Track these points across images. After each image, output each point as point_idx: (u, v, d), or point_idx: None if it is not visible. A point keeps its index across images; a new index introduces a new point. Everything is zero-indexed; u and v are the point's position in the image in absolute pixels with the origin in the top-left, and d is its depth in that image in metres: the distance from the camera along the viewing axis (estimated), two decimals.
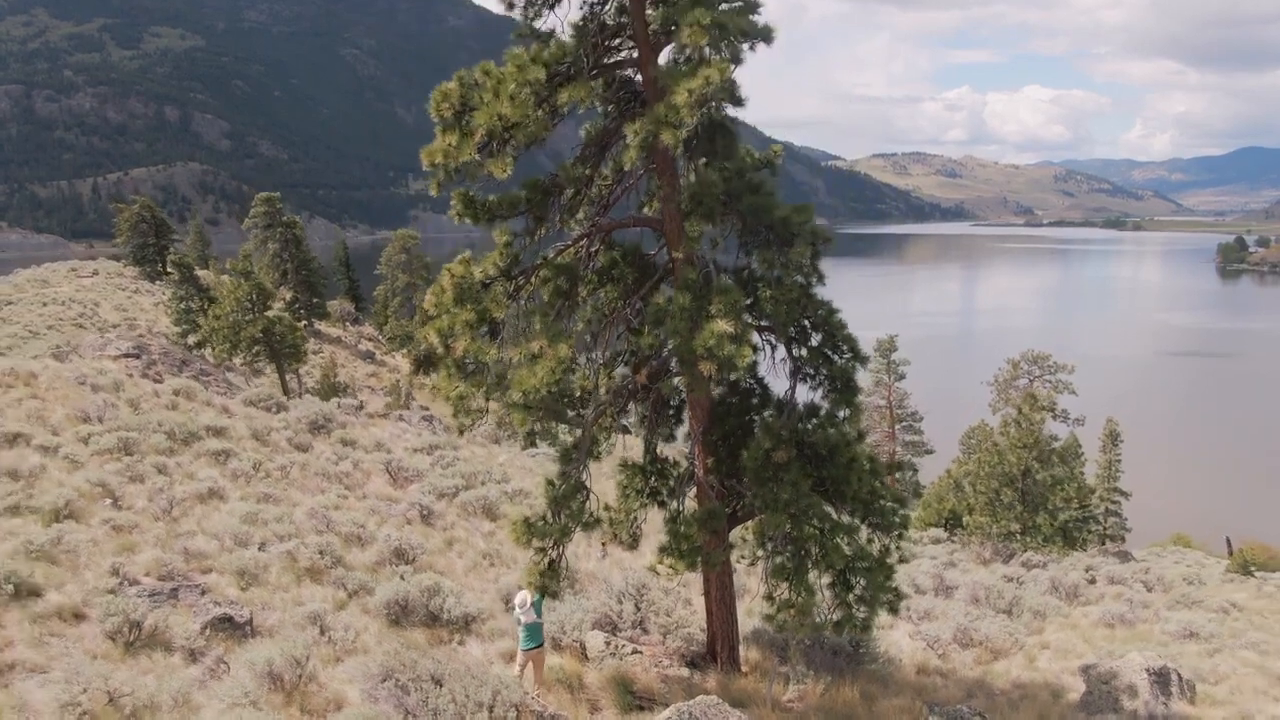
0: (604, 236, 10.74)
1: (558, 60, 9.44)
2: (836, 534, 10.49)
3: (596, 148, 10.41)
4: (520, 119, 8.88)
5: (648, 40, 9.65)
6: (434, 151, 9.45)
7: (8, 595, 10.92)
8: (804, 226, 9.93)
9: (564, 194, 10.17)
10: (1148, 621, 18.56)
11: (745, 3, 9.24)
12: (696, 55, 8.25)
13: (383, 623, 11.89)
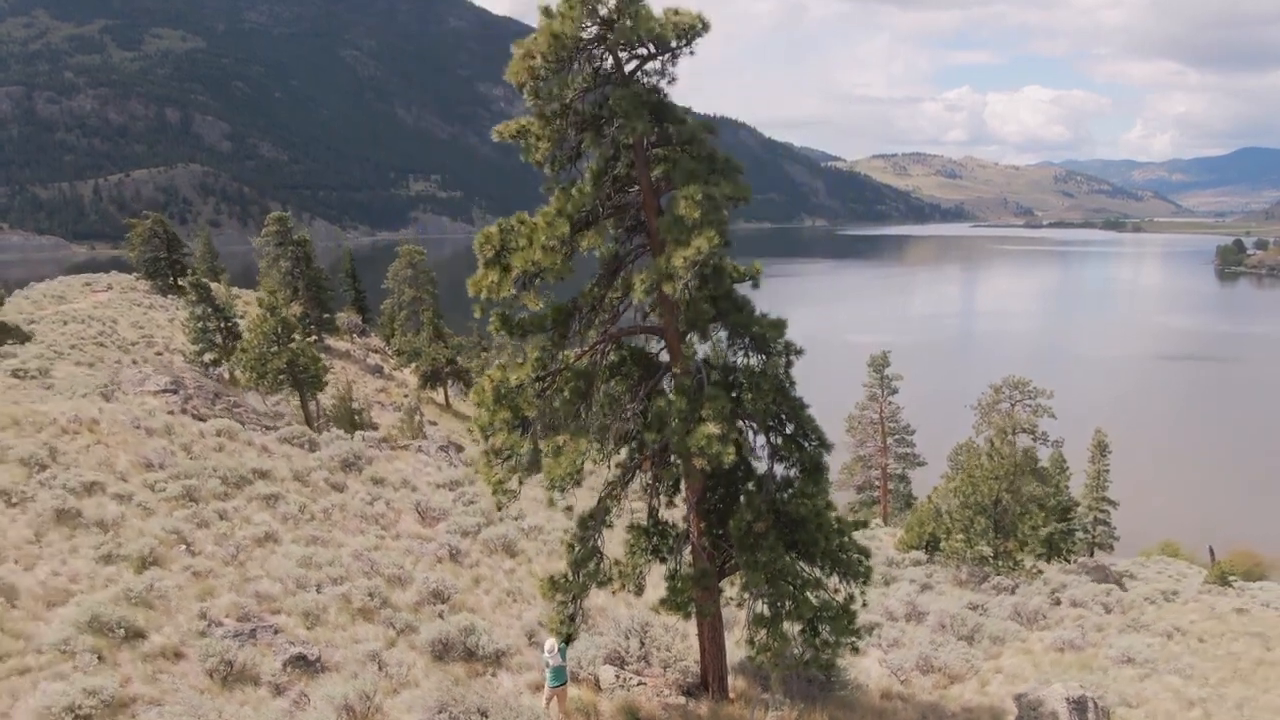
0: (615, 341, 12.99)
1: (578, 209, 11.69)
2: (806, 589, 12.76)
3: (609, 270, 12.66)
4: (549, 264, 11.14)
5: (651, 188, 11.90)
6: (478, 284, 11.71)
7: (120, 637, 13.18)
8: (778, 340, 12.17)
9: (582, 313, 12.41)
10: (1095, 645, 20.80)
11: (732, 167, 11.51)
12: (691, 221, 10.47)
13: (428, 658, 14.15)
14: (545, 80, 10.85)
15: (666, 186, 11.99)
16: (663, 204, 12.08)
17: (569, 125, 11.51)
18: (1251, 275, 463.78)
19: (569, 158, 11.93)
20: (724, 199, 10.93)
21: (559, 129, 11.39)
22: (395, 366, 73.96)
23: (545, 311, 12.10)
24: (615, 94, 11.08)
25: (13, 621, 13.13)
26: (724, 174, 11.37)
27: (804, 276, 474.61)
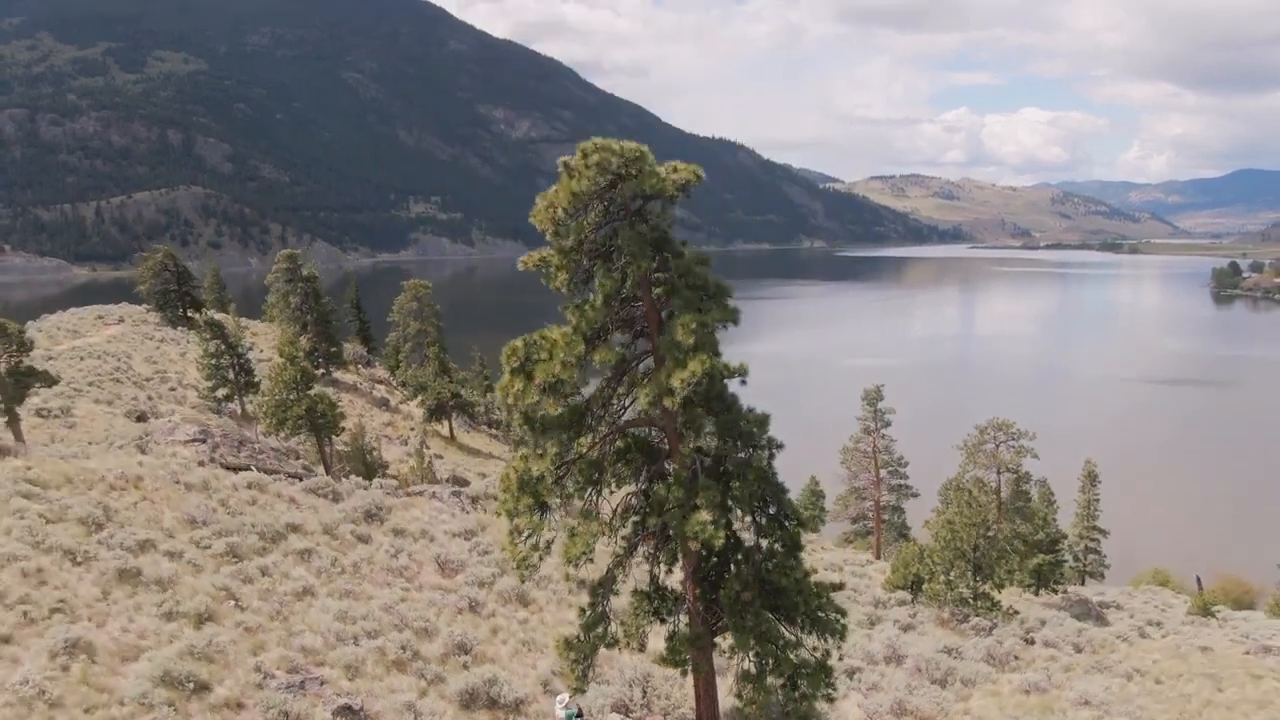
0: (621, 432, 15.00)
1: (591, 326, 13.74)
2: (787, 649, 14.73)
3: (617, 372, 14.68)
4: (568, 377, 13.19)
5: (654, 307, 13.96)
6: (505, 389, 13.76)
7: (189, 690, 15.12)
8: (763, 435, 14.20)
9: (594, 410, 14.43)
10: (1059, 688, 22.67)
11: (721, 291, 13.59)
12: (687, 346, 12.52)
13: (456, 707, 16.07)
14: (564, 224, 12.94)
15: (666, 302, 14.06)
16: (662, 316, 14.15)
17: (583, 255, 13.58)
18: (1247, 298, 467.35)
19: (583, 280, 13.98)
20: (715, 323, 12.99)
21: (575, 259, 13.46)
22: (401, 400, 75.90)
23: (563, 413, 14.12)
24: (623, 234, 13.17)
25: (95, 676, 15.05)
26: (715, 299, 13.45)
27: (802, 299, 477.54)
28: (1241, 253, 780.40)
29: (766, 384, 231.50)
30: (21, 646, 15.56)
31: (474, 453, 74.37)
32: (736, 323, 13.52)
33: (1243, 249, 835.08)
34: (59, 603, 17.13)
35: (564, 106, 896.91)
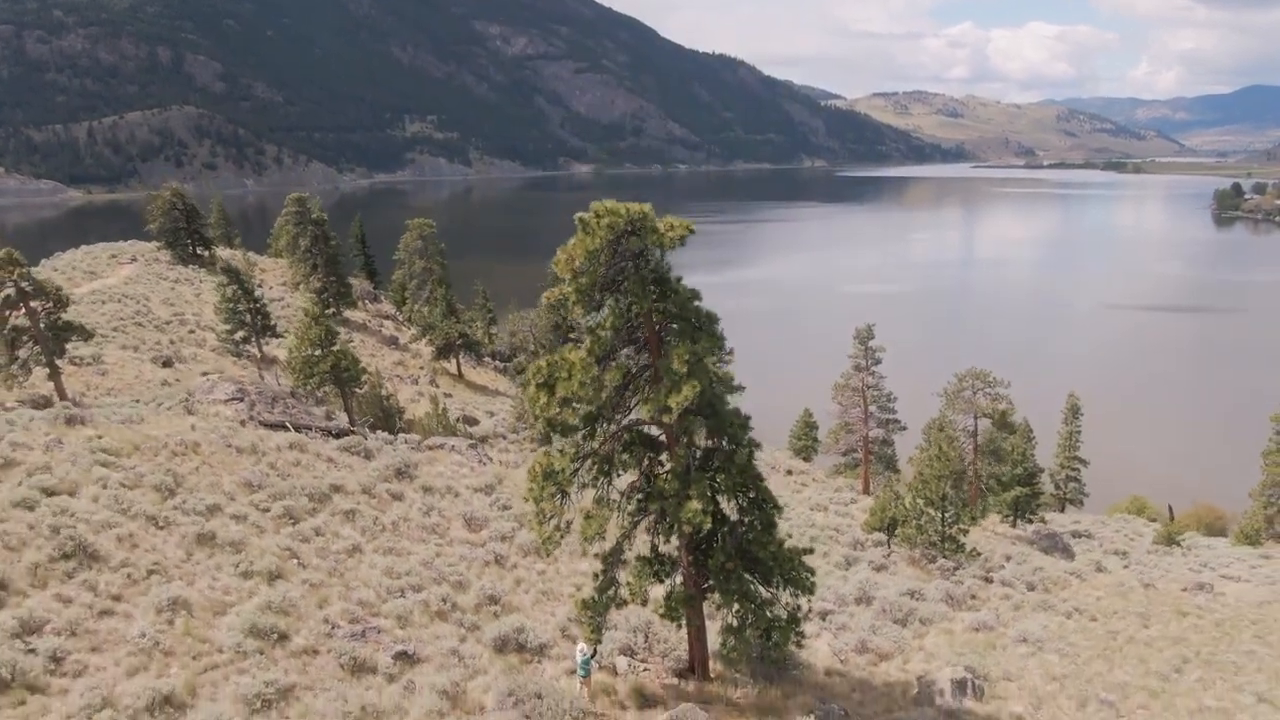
0: (627, 430, 17.95)
1: (603, 349, 16.56)
2: (764, 607, 17.98)
3: (623, 383, 17.54)
4: (584, 394, 16.07)
5: (655, 334, 16.76)
6: (532, 400, 16.66)
7: (273, 640, 18.42)
8: (744, 436, 17.16)
9: (604, 415, 17.34)
10: (1005, 625, 26.18)
11: (710, 321, 16.38)
12: (681, 373, 15.36)
13: (491, 651, 19.43)
14: (581, 271, 15.64)
15: (664, 326, 16.86)
16: (661, 336, 16.95)
17: (596, 290, 16.32)
18: (1248, 220, 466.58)
19: (595, 309, 16.73)
20: (704, 351, 15.84)
21: (589, 295, 16.20)
22: (410, 339, 78.78)
23: (579, 419, 17.05)
24: (629, 278, 15.91)
25: (196, 629, 18.35)
26: (705, 330, 16.27)
27: (802, 221, 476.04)
28: (1246, 172, 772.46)
29: (766, 311, 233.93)
30: (131, 604, 18.82)
31: (481, 389, 77.61)
32: (724, 349, 16.37)
33: (1248, 168, 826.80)
34: (154, 565, 20.38)
35: (561, 22, 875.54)
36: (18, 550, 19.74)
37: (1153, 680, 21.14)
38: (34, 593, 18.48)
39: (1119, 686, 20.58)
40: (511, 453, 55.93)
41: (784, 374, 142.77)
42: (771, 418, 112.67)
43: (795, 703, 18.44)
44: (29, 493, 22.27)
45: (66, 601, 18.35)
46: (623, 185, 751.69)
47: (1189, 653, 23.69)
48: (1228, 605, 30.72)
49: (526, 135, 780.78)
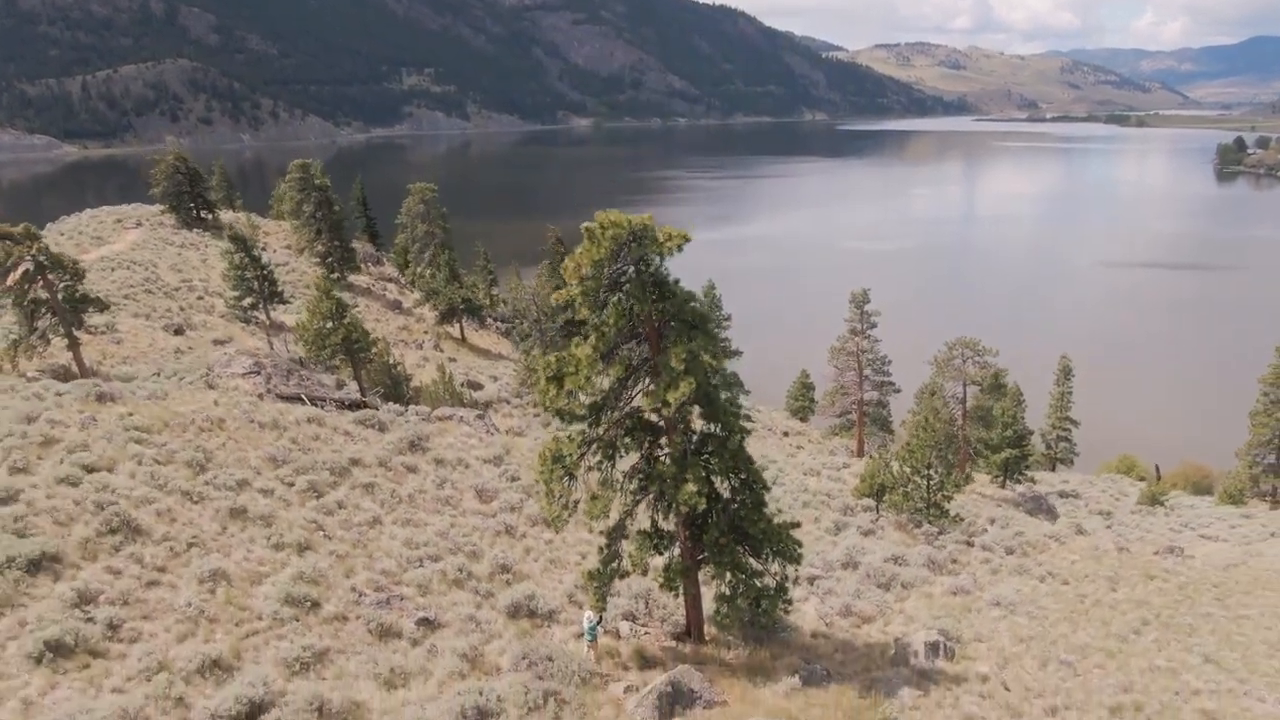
0: (629, 416, 19.51)
1: (607, 345, 18.05)
2: (754, 578, 19.71)
3: (625, 375, 19.05)
4: (589, 388, 17.61)
5: (654, 331, 18.24)
6: (542, 392, 18.20)
7: (307, 607, 20.17)
8: (736, 423, 18.72)
9: (608, 404, 18.88)
10: (981, 589, 28.02)
11: (706, 321, 17.83)
12: (678, 371, 16.87)
13: (505, 617, 21.22)
14: (588, 277, 17.08)
15: (664, 324, 18.34)
16: (660, 333, 18.43)
17: (601, 291, 17.77)
18: (1250, 175, 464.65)
19: (600, 307, 18.19)
20: (700, 349, 17.35)
21: (594, 296, 17.65)
22: (414, 304, 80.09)
23: (586, 408, 18.60)
24: (630, 282, 17.35)
25: (236, 598, 20.09)
26: (701, 329, 17.75)
27: (802, 177, 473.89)
28: (1250, 125, 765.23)
29: (765, 269, 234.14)
30: (175, 575, 20.55)
31: (484, 353, 79.17)
32: (718, 347, 17.86)
33: (1252, 121, 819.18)
34: (193, 538, 22.10)
35: None
36: (67, 525, 21.42)
37: (1112, 641, 22.97)
38: (86, 565, 20.19)
39: (1080, 648, 22.42)
40: (515, 418, 57.70)
41: (783, 333, 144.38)
42: (770, 378, 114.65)
43: (782, 663, 20.25)
44: (71, 470, 23.91)
45: (116, 573, 20.07)
46: (622, 139, 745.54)
47: (1150, 615, 25.54)
48: (1194, 568, 32.60)
49: (524, 88, 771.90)
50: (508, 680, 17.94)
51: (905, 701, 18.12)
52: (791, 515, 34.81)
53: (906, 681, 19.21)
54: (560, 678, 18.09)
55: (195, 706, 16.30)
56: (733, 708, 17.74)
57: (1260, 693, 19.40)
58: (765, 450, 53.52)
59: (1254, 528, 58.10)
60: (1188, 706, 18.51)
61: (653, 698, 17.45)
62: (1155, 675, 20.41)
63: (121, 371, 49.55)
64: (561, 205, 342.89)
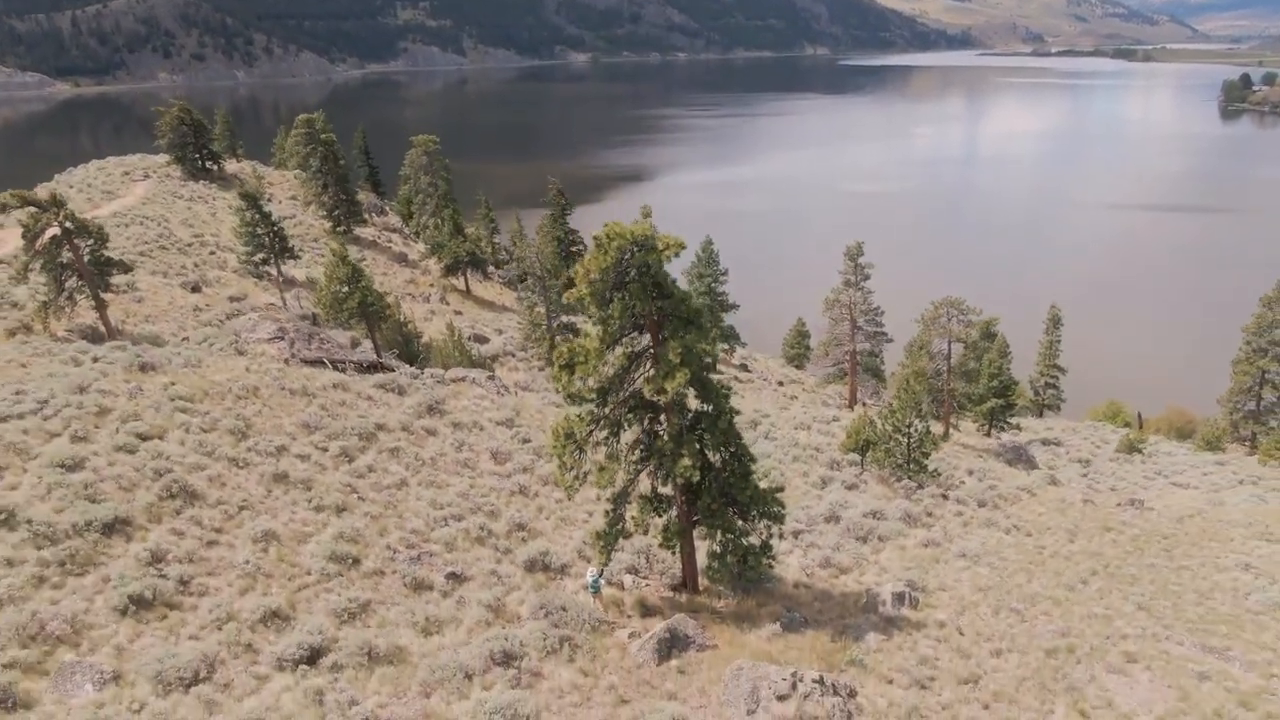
0: (632, 396, 22.01)
1: (613, 336, 20.46)
2: (741, 537, 22.45)
3: (628, 360, 21.48)
4: (596, 374, 20.08)
5: (654, 323, 20.64)
6: (556, 378, 20.68)
7: (349, 564, 22.93)
8: (726, 402, 21.23)
9: (614, 388, 21.35)
10: (950, 541, 30.86)
11: (700, 316, 20.22)
12: (675, 363, 19.31)
13: (523, 571, 24.01)
14: (595, 282, 19.40)
15: (661, 318, 20.73)
16: (659, 325, 20.82)
17: (607, 289, 20.11)
18: (1254, 112, 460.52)
19: (607, 303, 20.54)
20: (694, 342, 19.78)
21: (602, 294, 20.00)
22: (420, 257, 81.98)
23: (594, 391, 21.08)
24: (631, 283, 19.69)
25: (286, 556, 22.84)
26: (695, 324, 20.15)
27: (801, 115, 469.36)
28: (1258, 60, 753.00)
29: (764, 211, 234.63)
30: (231, 536, 23.27)
31: (488, 305, 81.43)
32: (711, 343, 20.28)
33: (1260, 55, 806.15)
34: (243, 501, 24.78)
35: None
36: (130, 491, 24.07)
37: (1060, 590, 25.82)
38: (152, 528, 22.88)
39: (1031, 596, 25.27)
40: (520, 371, 60.32)
41: (780, 279, 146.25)
42: (767, 324, 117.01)
43: (766, 611, 23.11)
44: (127, 439, 26.50)
45: (180, 534, 22.78)
46: (620, 75, 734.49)
47: (1099, 566, 28.39)
48: (1150, 521, 35.45)
49: (521, 22, 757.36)
50: (528, 627, 20.79)
51: (870, 645, 20.99)
52: (781, 470, 37.72)
53: (874, 627, 22.07)
54: (573, 625, 20.94)
55: (263, 651, 19.14)
56: (722, 650, 20.61)
57: (1180, 637, 22.25)
58: (760, 404, 56.20)
59: (1225, 475, 61.15)
60: (1115, 649, 21.34)
61: (653, 642, 20.30)
62: (1092, 621, 23.25)
63: (145, 331, 51.96)
64: (560, 146, 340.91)
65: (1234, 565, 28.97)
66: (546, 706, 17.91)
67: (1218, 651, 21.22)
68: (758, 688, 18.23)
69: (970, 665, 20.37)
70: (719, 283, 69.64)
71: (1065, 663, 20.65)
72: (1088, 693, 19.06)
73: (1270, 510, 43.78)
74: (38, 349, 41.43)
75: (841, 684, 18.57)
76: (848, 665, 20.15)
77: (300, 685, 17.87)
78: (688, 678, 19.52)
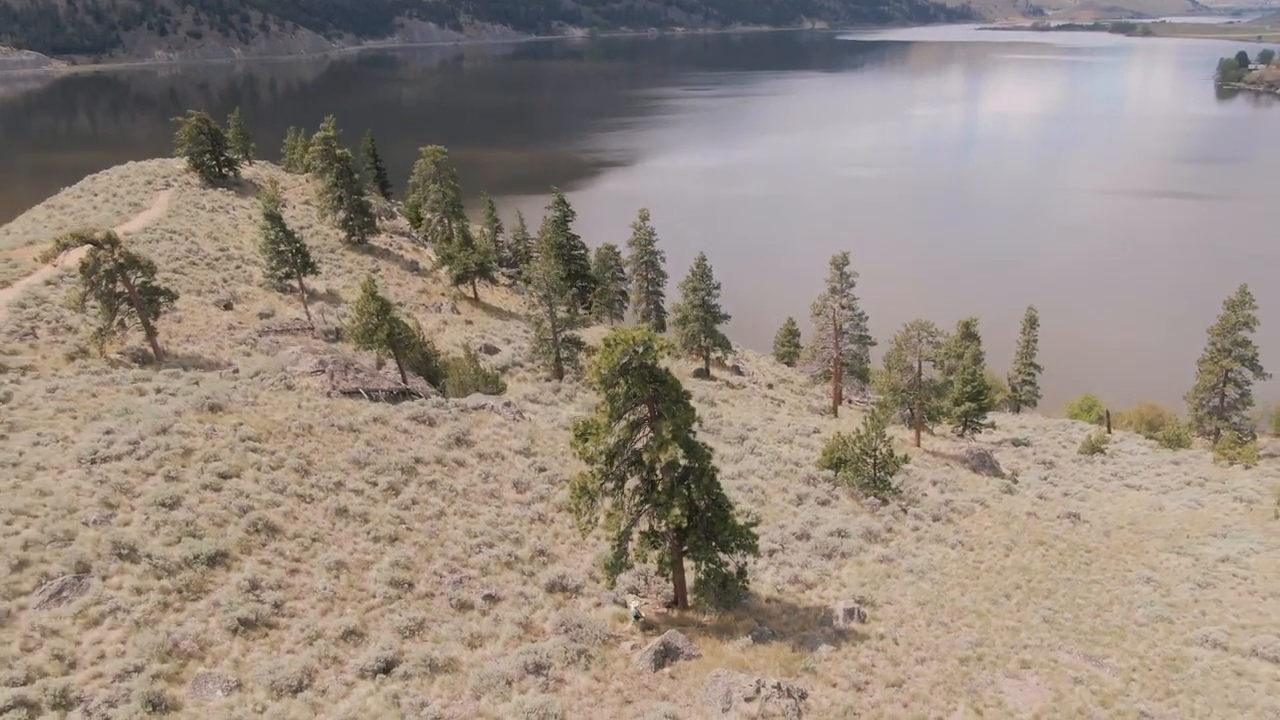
0: (634, 454, 27.39)
1: (618, 411, 25.82)
2: (721, 567, 27.98)
3: (631, 429, 26.81)
4: (604, 441, 25.48)
5: (651, 399, 25.99)
6: (573, 445, 26.09)
7: (405, 588, 28.40)
8: (708, 460, 26.64)
9: (620, 451, 26.72)
10: (903, 557, 36.36)
11: (685, 398, 25.58)
12: (666, 438, 24.66)
13: (545, 591, 29.51)
14: (606, 376, 24.72)
15: (657, 395, 26.08)
16: (656, 405, 26.17)
17: (614, 376, 25.44)
18: (1249, 91, 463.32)
19: (612, 385, 25.86)
20: (682, 422, 25.16)
21: (610, 381, 25.34)
22: (432, 267, 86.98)
23: (604, 455, 26.45)
24: (631, 374, 25.01)
25: (354, 581, 28.31)
26: (682, 403, 25.50)
27: (800, 94, 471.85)
28: (1257, 35, 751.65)
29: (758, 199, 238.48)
30: (309, 565, 28.71)
31: (495, 311, 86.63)
32: (694, 420, 25.63)
33: (1259, 30, 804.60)
34: (314, 534, 30.22)
35: None
36: (222, 526, 29.48)
37: (985, 604, 31.34)
38: (245, 559, 28.31)
39: (960, 610, 30.79)
40: (529, 383, 65.68)
41: (774, 271, 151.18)
42: (760, 320, 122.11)
43: (742, 625, 28.66)
44: (212, 478, 31.89)
45: (268, 564, 28.22)
46: (617, 51, 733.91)
47: (1023, 580, 33.92)
48: (1080, 534, 40.98)
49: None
50: (552, 641, 26.33)
51: (822, 655, 26.54)
52: (764, 488, 43.19)
53: (827, 639, 27.63)
54: (588, 639, 26.50)
55: (347, 663, 24.65)
56: (705, 659, 26.18)
57: (1070, 647, 27.76)
58: (749, 414, 61.63)
59: (1176, 476, 66.69)
60: (1015, 657, 26.86)
61: (650, 653, 25.85)
62: (1003, 632, 28.78)
63: (187, 351, 57.25)
64: (557, 129, 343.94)
65: (1138, 579, 34.54)
66: (569, 707, 23.47)
67: (1096, 659, 26.76)
68: (730, 691, 23.80)
69: (898, 671, 25.92)
70: (712, 296, 74.83)
71: (974, 669, 26.20)
72: (985, 694, 24.62)
73: (1199, 516, 49.47)
74: (100, 377, 46.90)
75: (795, 688, 24.15)
76: (802, 671, 25.69)
77: (380, 691, 23.41)
78: (677, 682, 25.09)
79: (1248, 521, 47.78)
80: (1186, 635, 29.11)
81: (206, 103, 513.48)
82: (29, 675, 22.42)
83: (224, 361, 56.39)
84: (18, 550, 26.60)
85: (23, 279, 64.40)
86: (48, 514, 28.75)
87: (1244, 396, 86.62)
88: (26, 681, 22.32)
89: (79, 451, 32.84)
